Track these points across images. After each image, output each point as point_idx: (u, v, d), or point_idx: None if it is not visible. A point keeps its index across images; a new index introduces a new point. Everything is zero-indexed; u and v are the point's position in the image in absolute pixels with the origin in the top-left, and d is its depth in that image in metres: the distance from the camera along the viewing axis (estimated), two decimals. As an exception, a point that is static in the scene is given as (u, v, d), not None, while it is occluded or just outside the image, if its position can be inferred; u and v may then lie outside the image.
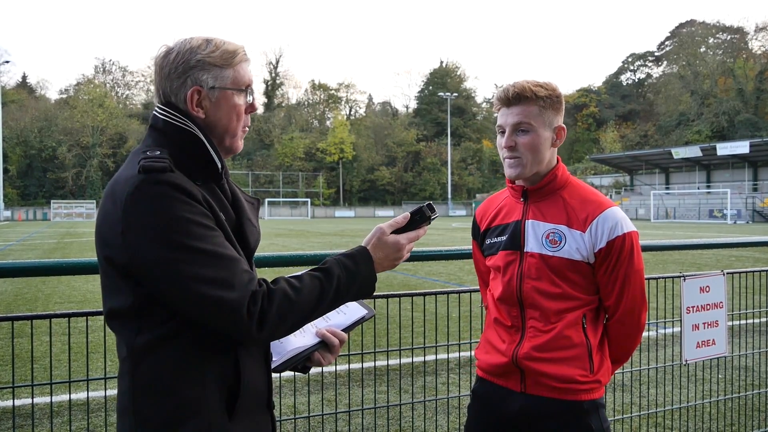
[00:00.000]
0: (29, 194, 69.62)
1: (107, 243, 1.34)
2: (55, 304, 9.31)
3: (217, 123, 1.45)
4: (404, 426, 4.09)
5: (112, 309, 1.38)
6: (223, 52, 1.43)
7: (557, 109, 1.96)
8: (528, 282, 1.95)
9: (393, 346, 5.14)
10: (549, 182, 1.98)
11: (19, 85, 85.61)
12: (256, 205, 1.62)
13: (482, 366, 2.09)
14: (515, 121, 1.93)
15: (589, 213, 1.92)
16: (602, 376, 1.96)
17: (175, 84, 1.42)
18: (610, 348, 2.03)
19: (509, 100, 1.93)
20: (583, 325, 1.93)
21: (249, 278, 1.33)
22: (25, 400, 4.52)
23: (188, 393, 1.34)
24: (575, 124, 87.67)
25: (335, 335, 1.61)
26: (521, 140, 1.93)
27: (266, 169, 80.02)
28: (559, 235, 1.93)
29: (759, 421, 4.16)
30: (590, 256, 1.91)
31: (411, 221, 1.57)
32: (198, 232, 1.29)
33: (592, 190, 2.02)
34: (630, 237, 1.91)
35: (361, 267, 1.47)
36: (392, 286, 10.69)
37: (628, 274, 1.92)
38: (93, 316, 2.36)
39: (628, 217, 1.97)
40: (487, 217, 2.16)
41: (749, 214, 50.48)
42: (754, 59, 74.88)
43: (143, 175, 1.29)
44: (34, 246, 22.19)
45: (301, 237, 28.64)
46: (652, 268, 13.73)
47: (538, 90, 1.91)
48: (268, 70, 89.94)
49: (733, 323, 4.42)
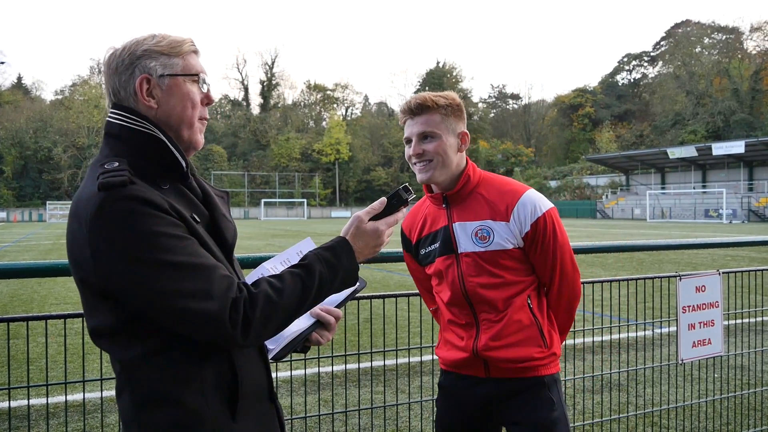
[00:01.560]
0: (25, 195, 69.47)
1: (79, 265, 1.29)
2: (51, 306, 9.29)
3: (171, 112, 1.39)
4: (401, 426, 4.09)
5: (96, 328, 1.34)
6: (170, 41, 1.40)
7: (459, 117, 2.08)
8: (470, 280, 2.05)
9: (390, 346, 5.14)
10: (464, 184, 2.09)
11: (15, 86, 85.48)
12: (226, 198, 1.58)
13: (445, 362, 2.19)
14: (420, 130, 2.04)
15: (508, 203, 2.04)
16: (556, 348, 2.11)
17: (123, 77, 1.37)
18: (555, 319, 2.15)
19: (412, 111, 2.04)
20: (530, 305, 2.06)
21: (228, 284, 1.29)
22: (21, 402, 4.50)
23: (189, 402, 1.32)
24: (571, 125, 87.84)
25: (330, 313, 1.60)
26: (428, 147, 2.04)
27: (262, 170, 80.00)
28: (486, 230, 2.04)
29: (755, 420, 4.17)
30: (519, 241, 2.03)
31: (388, 206, 1.56)
32: (169, 244, 1.24)
33: (505, 179, 2.13)
34: (550, 215, 2.04)
35: (342, 259, 1.45)
36: (389, 287, 10.70)
37: (556, 249, 2.05)
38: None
39: (543, 196, 2.10)
40: (415, 228, 2.26)
41: (745, 214, 50.63)
42: (749, 59, 75.11)
43: (103, 193, 1.23)
44: (30, 247, 22.14)
45: (297, 238, 28.64)
46: (648, 268, 13.76)
47: (438, 99, 2.03)
48: (264, 70, 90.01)
49: (728, 323, 4.44)
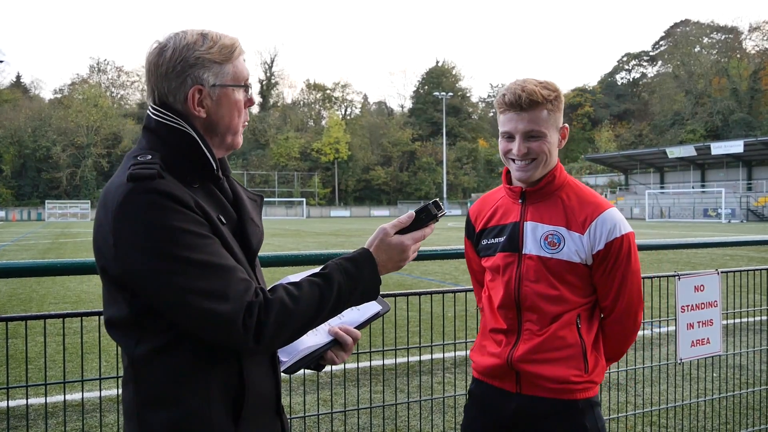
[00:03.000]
0: (23, 194, 69.38)
1: (102, 253, 1.32)
2: (50, 305, 9.26)
3: (220, 121, 1.41)
4: (400, 426, 4.09)
5: (111, 318, 1.35)
6: (221, 47, 1.38)
7: (561, 109, 1.93)
8: (526, 285, 1.93)
9: (388, 346, 5.15)
10: (548, 183, 1.96)
11: (14, 84, 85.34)
12: (259, 202, 1.58)
13: (477, 368, 2.09)
14: (528, 129, 1.88)
15: (587, 215, 1.91)
16: (597, 376, 1.95)
17: (173, 84, 1.37)
18: (605, 346, 2.03)
19: (521, 106, 1.86)
20: (578, 325, 1.93)
21: (245, 288, 1.28)
22: (20, 401, 4.50)
23: (192, 404, 1.31)
24: (570, 124, 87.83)
25: (348, 333, 1.55)
26: (533, 145, 1.89)
27: (261, 169, 79.91)
28: (557, 237, 1.91)
29: (753, 419, 4.17)
30: (588, 258, 1.91)
31: (416, 220, 1.50)
32: (190, 241, 1.25)
33: (590, 191, 2.01)
34: (627, 238, 1.91)
35: (363, 271, 1.42)
36: (388, 286, 10.68)
37: (626, 275, 1.92)
38: (87, 316, 2.35)
39: (624, 217, 1.97)
40: (482, 217, 2.13)
41: (743, 213, 50.65)
42: (748, 59, 75.15)
43: (131, 184, 1.25)
44: (29, 246, 22.11)
45: (296, 237, 28.62)
46: (647, 268, 13.77)
47: (547, 93, 1.87)
48: (263, 69, 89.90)
49: (727, 322, 4.44)
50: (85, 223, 50.06)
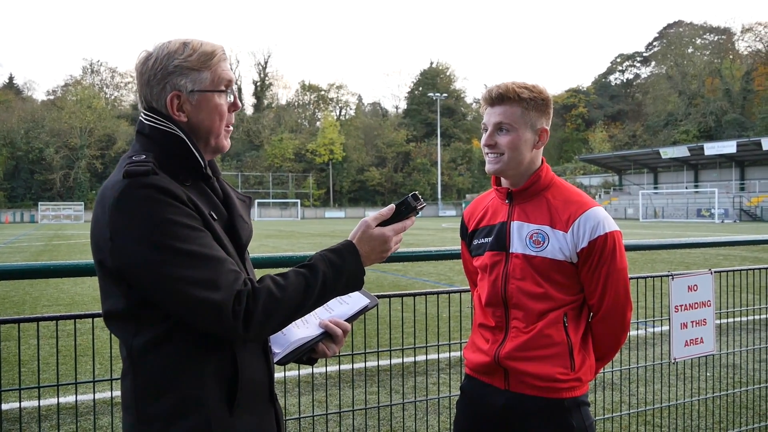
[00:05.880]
0: (16, 196, 69.00)
1: (99, 248, 1.38)
2: (43, 307, 9.22)
3: (200, 125, 1.48)
4: (395, 426, 4.08)
5: (109, 311, 1.41)
6: (200, 54, 1.46)
7: (542, 112, 1.99)
8: (513, 282, 1.99)
9: (383, 347, 5.14)
10: (533, 183, 2.02)
11: (6, 85, 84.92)
12: (248, 202, 1.67)
13: (469, 365, 2.14)
14: (497, 120, 1.98)
15: (571, 213, 1.96)
16: (584, 374, 1.98)
17: (155, 90, 1.46)
18: (594, 346, 2.05)
19: (492, 100, 1.98)
20: (564, 323, 1.96)
21: (235, 278, 1.34)
22: (13, 404, 4.48)
23: (188, 390, 1.37)
24: (564, 125, 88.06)
25: (338, 325, 1.62)
26: (501, 139, 1.98)
27: (256, 170, 79.79)
28: (542, 235, 1.96)
29: (747, 418, 4.19)
30: (573, 255, 1.94)
31: (396, 212, 1.56)
32: (182, 233, 1.32)
33: (576, 190, 2.04)
34: (612, 236, 1.94)
35: (347, 262, 1.48)
36: (383, 287, 10.68)
37: (611, 273, 1.94)
38: (81, 318, 2.35)
39: (611, 217, 2.00)
40: (474, 217, 2.20)
41: (736, 214, 50.89)
42: (741, 60, 75.58)
43: (127, 180, 1.32)
44: (22, 248, 21.99)
45: (291, 238, 28.58)
46: (641, 267, 13.81)
47: (522, 92, 1.95)
48: (257, 70, 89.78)
49: (720, 321, 4.45)
50: (78, 225, 49.84)
